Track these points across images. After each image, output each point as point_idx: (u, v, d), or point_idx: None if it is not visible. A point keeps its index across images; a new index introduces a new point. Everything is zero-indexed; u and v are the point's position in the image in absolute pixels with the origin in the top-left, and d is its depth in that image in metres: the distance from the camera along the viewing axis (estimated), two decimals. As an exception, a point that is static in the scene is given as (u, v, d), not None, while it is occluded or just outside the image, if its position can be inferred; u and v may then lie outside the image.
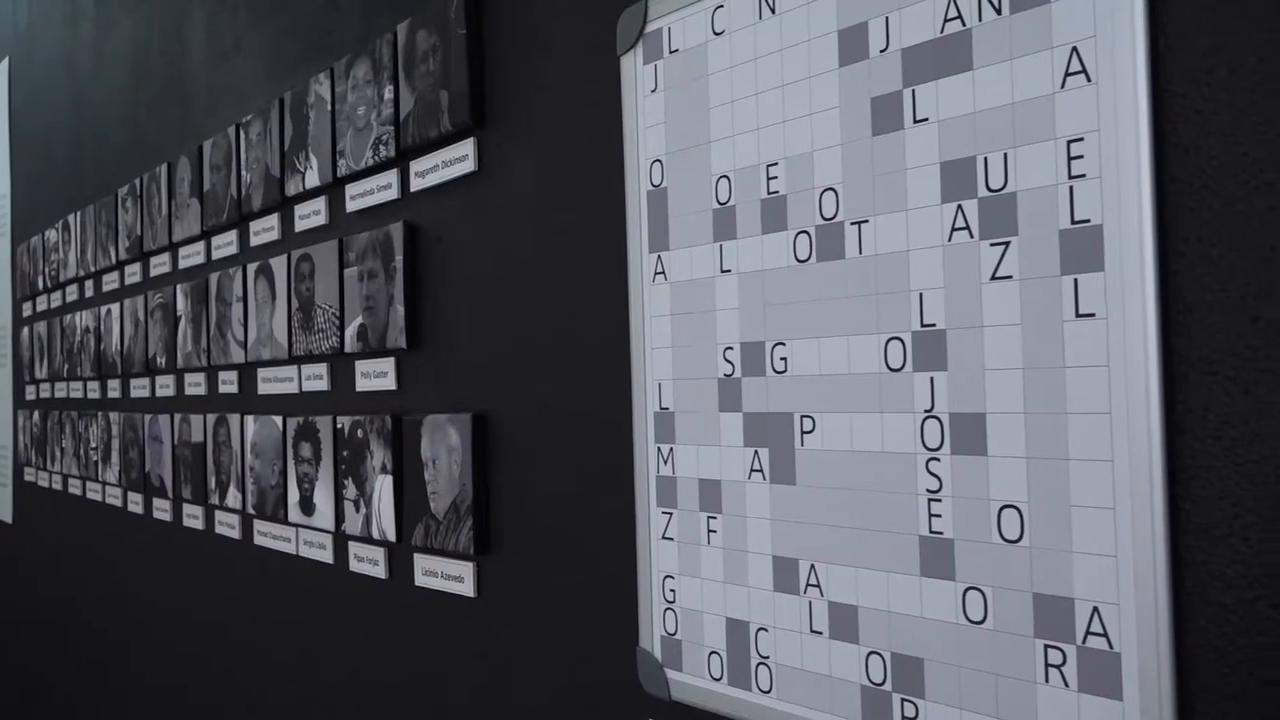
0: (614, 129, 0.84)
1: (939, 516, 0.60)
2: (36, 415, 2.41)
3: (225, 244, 1.50)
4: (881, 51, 0.63)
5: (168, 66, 1.75)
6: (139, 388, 1.83)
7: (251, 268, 1.40)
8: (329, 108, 1.22)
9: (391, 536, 1.10)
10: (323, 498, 1.23)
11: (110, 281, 1.96)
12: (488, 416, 0.98)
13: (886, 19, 0.63)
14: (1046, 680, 0.55)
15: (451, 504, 1.00)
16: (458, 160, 1.01)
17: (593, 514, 0.86)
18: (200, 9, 1.63)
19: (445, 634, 1.04)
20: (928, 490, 0.61)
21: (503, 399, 0.97)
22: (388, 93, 1.11)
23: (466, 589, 1.00)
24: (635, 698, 0.81)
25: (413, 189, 1.09)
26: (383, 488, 1.11)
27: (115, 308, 1.90)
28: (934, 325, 0.61)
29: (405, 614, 1.10)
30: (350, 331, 1.17)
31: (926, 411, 0.61)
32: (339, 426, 1.19)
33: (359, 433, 1.15)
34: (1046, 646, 0.55)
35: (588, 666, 0.86)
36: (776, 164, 0.70)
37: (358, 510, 1.15)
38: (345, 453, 1.18)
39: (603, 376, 0.85)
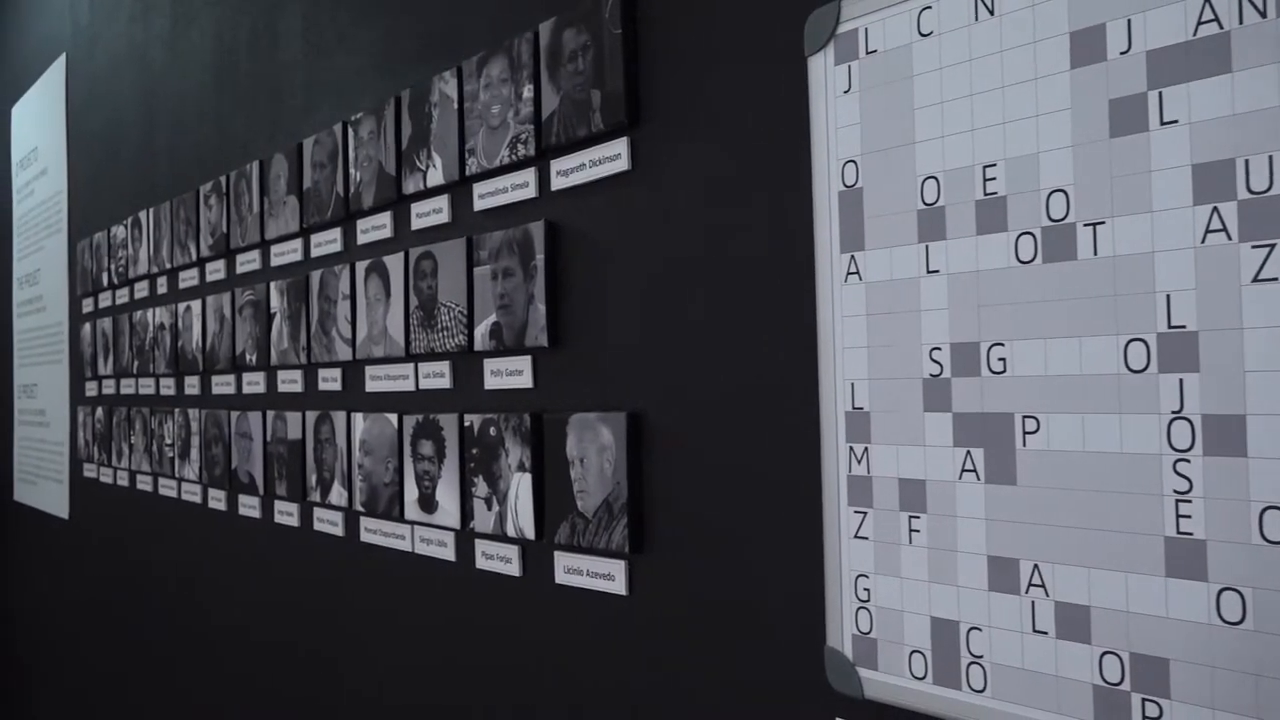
0: (794, 129, 0.84)
1: (1188, 518, 0.61)
2: (100, 411, 2.42)
3: (328, 241, 1.50)
4: (1122, 53, 0.64)
5: (256, 63, 1.75)
6: (223, 384, 1.83)
7: (361, 265, 1.40)
8: (455, 106, 1.22)
9: (530, 534, 1.10)
10: (446, 495, 1.23)
11: (189, 278, 1.96)
12: (642, 415, 0.99)
13: (1128, 21, 0.63)
14: (1319, 681, 0.55)
15: (603, 502, 1.01)
16: (608, 159, 1.02)
17: (765, 513, 0.87)
18: (296, 5, 1.63)
19: (592, 632, 1.04)
20: (1175, 491, 0.61)
21: (659, 397, 0.97)
22: (527, 91, 1.11)
23: (618, 587, 1.00)
24: (821, 696, 0.81)
25: (553, 188, 1.09)
26: (520, 486, 1.11)
27: (195, 304, 1.91)
28: (1183, 327, 0.61)
29: (544, 612, 1.10)
30: (481, 330, 1.17)
31: (1174, 413, 0.61)
32: (467, 424, 1.20)
33: (491, 430, 1.16)
34: (1319, 647, 0.55)
35: (763, 665, 0.86)
36: (995, 165, 0.70)
37: (489, 508, 1.16)
38: (474, 450, 1.18)
39: (777, 376, 0.86)
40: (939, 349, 0.73)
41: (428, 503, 1.26)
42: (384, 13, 1.41)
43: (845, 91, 0.80)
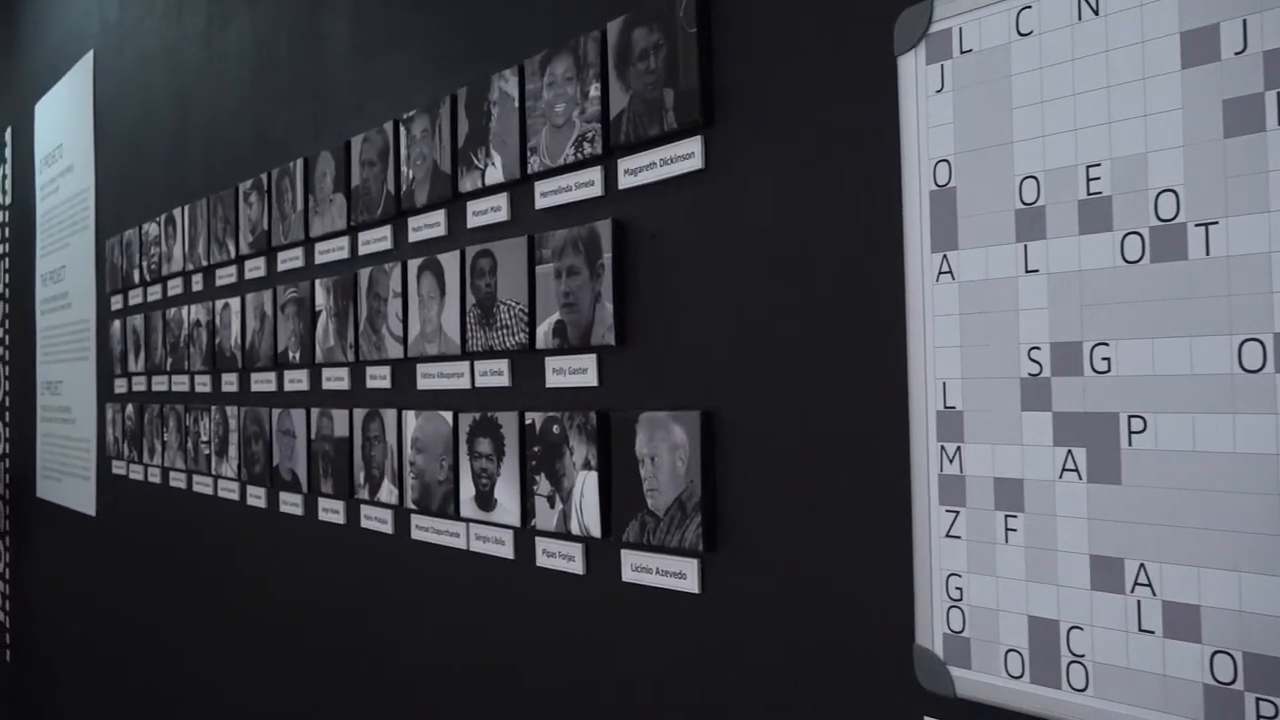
0: (880, 128, 0.84)
1: (1307, 517, 0.61)
2: (130, 409, 2.42)
3: (377, 239, 1.51)
4: (1237, 54, 0.64)
5: (300, 62, 1.75)
6: (263, 382, 1.83)
7: (414, 263, 1.40)
8: (516, 104, 1.22)
9: (596, 533, 1.10)
10: (506, 493, 1.23)
11: (226, 275, 1.97)
12: (716, 413, 0.99)
13: (1244, 21, 0.63)
14: None
15: (675, 500, 1.01)
16: (680, 158, 1.02)
17: (847, 511, 0.87)
18: (343, 5, 1.63)
19: (662, 630, 1.04)
20: (1293, 491, 0.61)
21: (734, 396, 0.97)
22: (593, 90, 1.11)
23: (689, 585, 1.01)
24: (909, 695, 0.82)
25: (621, 186, 1.09)
26: (585, 484, 1.11)
27: (234, 301, 1.91)
28: (1302, 327, 0.61)
29: (609, 609, 1.10)
30: (544, 328, 1.17)
31: (1293, 413, 0.61)
32: (528, 422, 1.20)
33: (554, 429, 1.16)
34: None
35: (847, 663, 0.87)
36: (1099, 165, 0.70)
37: (552, 506, 1.16)
38: (536, 449, 1.18)
39: (860, 375, 0.86)
40: (1038, 348, 0.73)
41: (485, 500, 1.26)
42: (436, 12, 1.41)
43: (937, 91, 0.80)
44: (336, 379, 1.61)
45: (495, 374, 1.27)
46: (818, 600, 0.89)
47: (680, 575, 1.02)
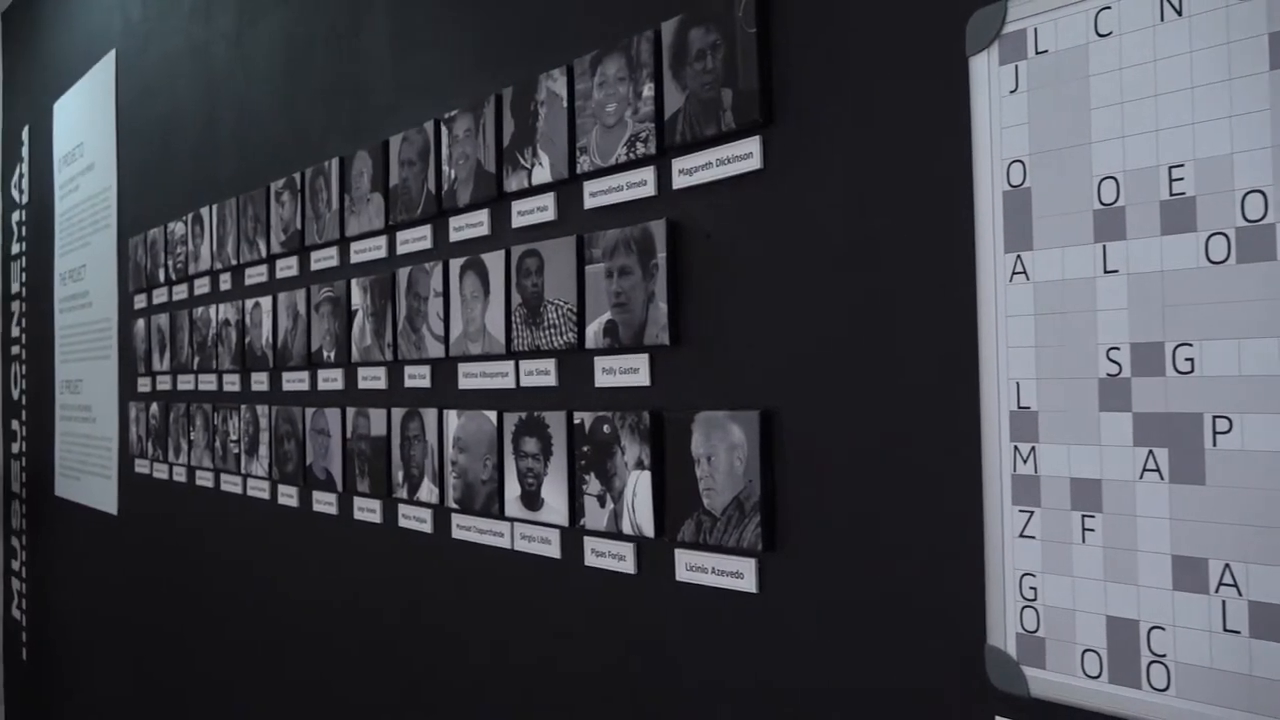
0: (949, 128, 0.84)
1: (1401, 518, 0.61)
2: (155, 407, 2.42)
3: (416, 239, 1.51)
4: (1329, 55, 0.64)
5: (335, 61, 1.75)
6: (295, 381, 1.83)
7: (455, 263, 1.40)
8: (565, 104, 1.22)
9: (649, 532, 1.10)
10: (553, 493, 1.23)
11: (256, 275, 1.97)
12: (775, 414, 0.99)
13: (1336, 23, 0.63)
14: None
15: (733, 500, 1.01)
16: (738, 158, 1.02)
17: (914, 512, 0.87)
18: (380, 6, 1.63)
19: (719, 629, 1.04)
20: (1387, 492, 0.61)
21: (794, 396, 0.97)
22: (646, 90, 1.11)
23: (747, 585, 1.01)
24: (979, 695, 0.82)
25: (675, 186, 1.09)
26: (638, 483, 1.12)
27: (265, 301, 1.91)
28: (1397, 328, 0.61)
29: (662, 609, 1.11)
30: (594, 328, 1.17)
31: (1387, 413, 0.61)
32: (576, 421, 1.20)
33: (604, 428, 1.16)
34: None
35: (915, 664, 0.87)
36: (1182, 166, 0.70)
37: (602, 505, 1.16)
38: (585, 448, 1.18)
39: (927, 375, 0.86)
40: (1117, 349, 0.73)
41: (532, 500, 1.27)
42: (477, 14, 1.41)
43: (1011, 91, 0.80)
44: (373, 378, 1.61)
45: (542, 373, 1.27)
46: (882, 600, 0.89)
47: (737, 575, 1.02)
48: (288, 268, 1.86)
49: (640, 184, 1.13)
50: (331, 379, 1.72)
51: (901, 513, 0.88)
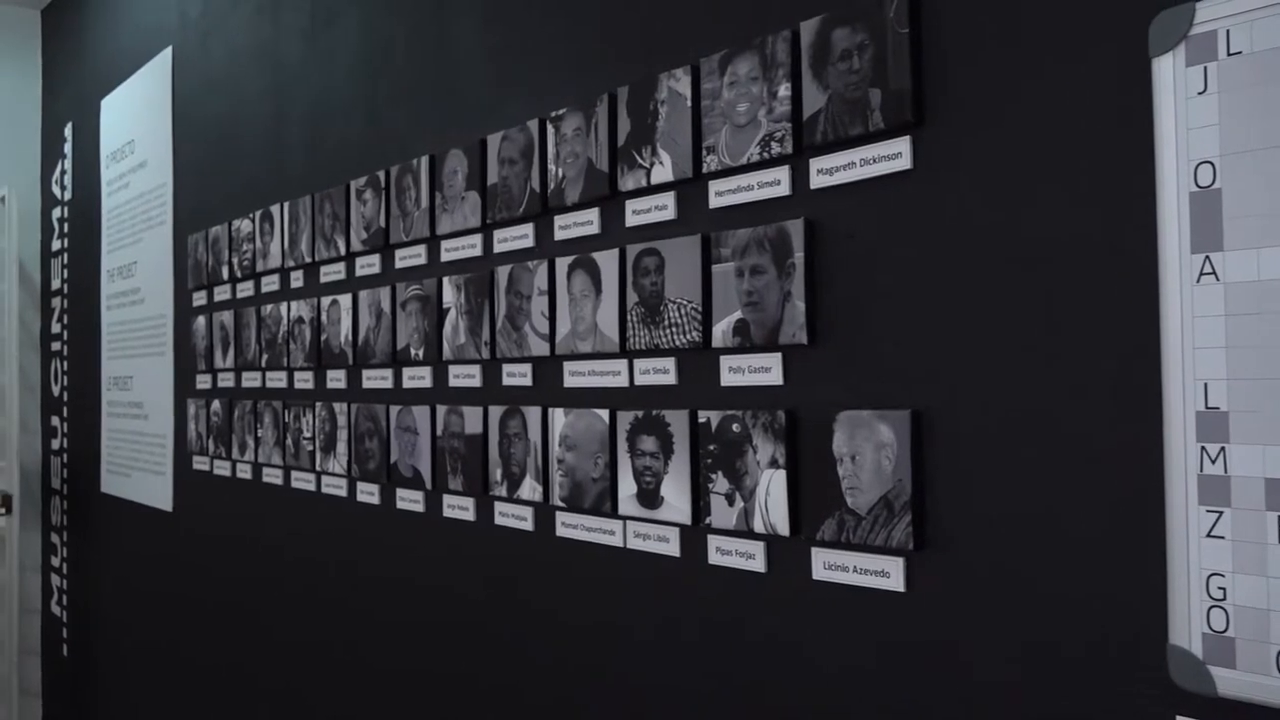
0: (1125, 129, 0.85)
1: None
2: (217, 404, 2.42)
3: (516, 237, 1.51)
4: None
5: (421, 59, 1.75)
6: (377, 379, 1.83)
7: (563, 261, 1.41)
8: (688, 104, 1.22)
9: (783, 531, 1.11)
10: (674, 491, 1.23)
11: (333, 272, 1.97)
12: (925, 413, 0.99)
13: None
14: None
15: (880, 499, 1.01)
16: (886, 158, 1.02)
17: (1081, 511, 0.87)
18: (467, 3, 1.63)
19: (863, 629, 1.04)
20: None
21: (946, 396, 0.97)
22: (782, 90, 1.12)
23: (894, 584, 1.01)
24: (1160, 694, 0.82)
25: (813, 186, 1.09)
26: (771, 482, 1.12)
27: (344, 299, 1.91)
28: None
29: (798, 608, 1.11)
30: (722, 327, 1.18)
31: None
32: (702, 420, 1.20)
33: (734, 427, 1.16)
34: None
35: (1082, 662, 0.87)
36: (1395, 168, 0.70)
37: (731, 504, 1.16)
38: (711, 447, 1.19)
39: (1096, 375, 0.86)
40: (1319, 350, 0.74)
41: (650, 498, 1.27)
42: (583, 15, 1.41)
43: (1200, 93, 0.80)
44: (466, 376, 1.61)
45: (660, 372, 1.27)
46: (1046, 599, 0.90)
47: (883, 574, 1.02)
48: (369, 265, 1.87)
49: (773, 184, 1.13)
50: (419, 377, 1.73)
51: (1070, 512, 0.88)
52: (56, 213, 3.72)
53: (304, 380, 2.08)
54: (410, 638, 1.76)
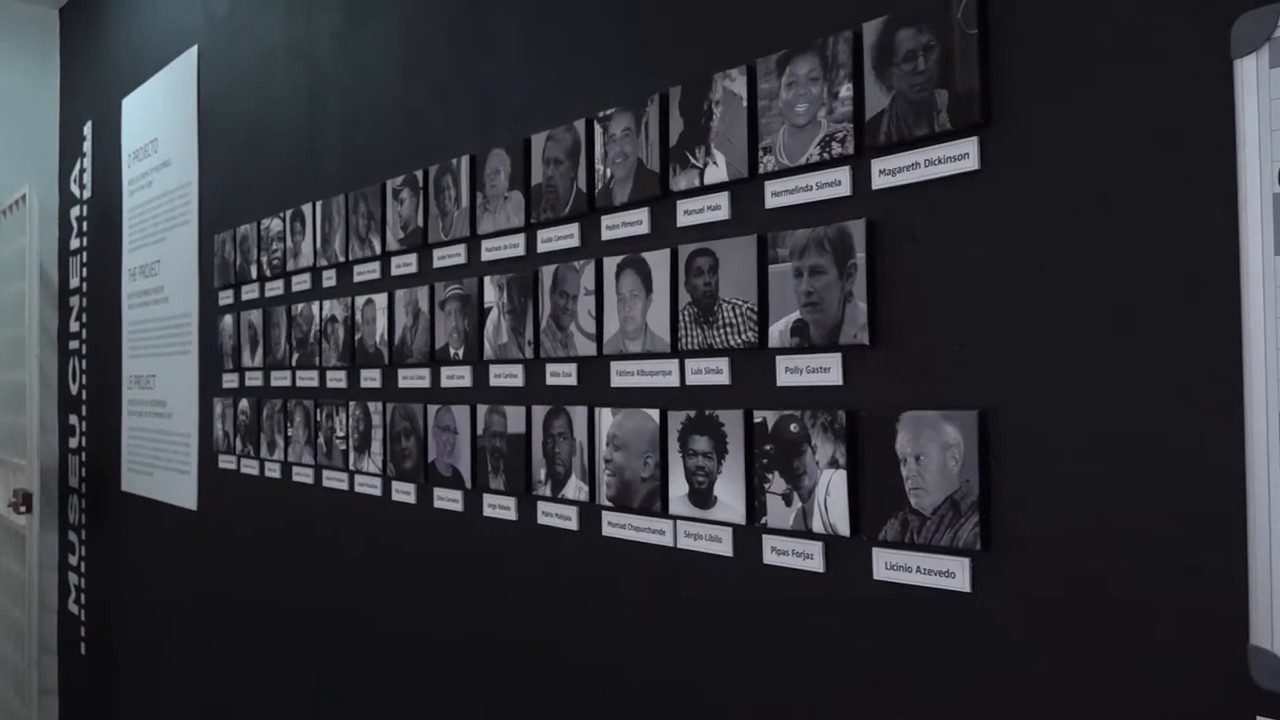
0: (1203, 130, 0.85)
1: None
2: (245, 403, 2.43)
3: (560, 237, 1.51)
4: None
5: (460, 59, 1.75)
6: (413, 378, 1.84)
7: (611, 261, 1.41)
8: (744, 104, 1.23)
9: (843, 531, 1.11)
10: (728, 491, 1.24)
11: (368, 271, 1.97)
12: (992, 413, 0.99)
13: None
14: None
15: (946, 499, 1.01)
16: (952, 159, 1.02)
17: (1153, 512, 0.87)
18: (507, 3, 1.63)
19: (926, 629, 1.05)
20: None
21: (1014, 397, 0.98)
22: (843, 90, 1.12)
23: (959, 584, 1.01)
24: (1240, 694, 0.82)
25: (875, 186, 1.09)
26: (831, 482, 1.12)
27: (379, 298, 1.91)
28: None
29: (860, 608, 1.11)
30: (779, 327, 1.18)
31: None
32: (758, 420, 1.20)
33: (792, 427, 1.16)
34: None
35: (1159, 663, 0.87)
36: None
37: (788, 504, 1.17)
38: (767, 447, 1.19)
39: (1171, 376, 0.86)
40: None
41: (703, 498, 1.27)
42: (631, 14, 1.41)
43: (1284, 95, 0.80)
44: (508, 375, 1.61)
45: (713, 372, 1.27)
46: (1120, 600, 0.90)
47: (948, 574, 1.02)
48: (405, 265, 1.87)
49: (833, 184, 1.14)
50: (458, 376, 1.73)
51: (1144, 514, 0.88)
52: (75, 211, 3.72)
53: (336, 379, 2.08)
54: (444, 628, 1.76)
